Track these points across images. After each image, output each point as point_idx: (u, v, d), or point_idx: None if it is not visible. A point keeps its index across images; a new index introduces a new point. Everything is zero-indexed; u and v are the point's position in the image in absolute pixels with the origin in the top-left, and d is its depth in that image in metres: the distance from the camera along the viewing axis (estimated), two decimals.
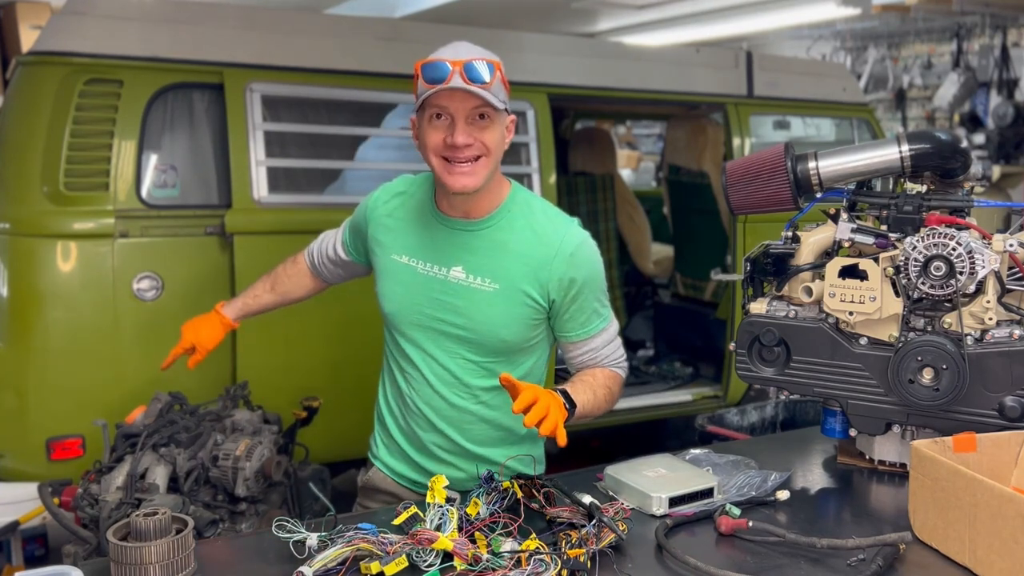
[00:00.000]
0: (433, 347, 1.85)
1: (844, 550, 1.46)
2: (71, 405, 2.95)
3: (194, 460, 2.35)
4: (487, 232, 1.81)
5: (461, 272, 1.80)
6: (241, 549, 1.57)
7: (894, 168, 1.82)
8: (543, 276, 1.78)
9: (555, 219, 1.85)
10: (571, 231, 1.83)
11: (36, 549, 3.27)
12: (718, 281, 4.44)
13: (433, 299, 1.82)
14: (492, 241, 1.80)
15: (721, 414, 3.32)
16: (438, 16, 6.98)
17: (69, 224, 2.95)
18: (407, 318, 1.85)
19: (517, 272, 1.78)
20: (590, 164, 5.27)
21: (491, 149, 1.73)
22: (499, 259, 1.79)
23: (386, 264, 1.89)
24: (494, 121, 1.73)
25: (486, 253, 1.80)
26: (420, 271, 1.83)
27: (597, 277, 1.86)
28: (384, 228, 1.90)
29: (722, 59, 4.44)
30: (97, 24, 3.05)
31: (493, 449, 1.91)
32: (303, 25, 3.40)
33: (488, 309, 1.79)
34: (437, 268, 1.82)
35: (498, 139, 1.75)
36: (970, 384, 1.68)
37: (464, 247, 1.81)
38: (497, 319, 1.79)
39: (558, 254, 1.78)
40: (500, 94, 1.73)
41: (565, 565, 1.37)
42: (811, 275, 1.87)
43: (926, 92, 8.25)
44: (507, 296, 1.78)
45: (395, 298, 1.86)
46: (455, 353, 1.84)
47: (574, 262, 1.79)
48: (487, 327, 1.80)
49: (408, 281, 1.84)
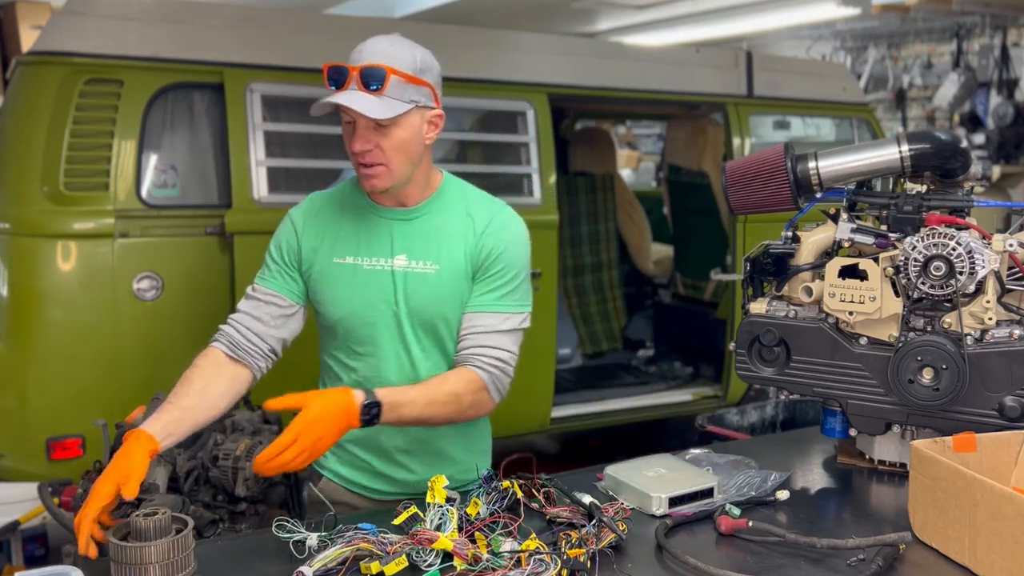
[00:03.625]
0: (389, 341, 1.83)
1: (844, 550, 1.46)
2: (71, 405, 2.95)
3: (194, 460, 2.35)
4: (425, 218, 1.83)
5: (404, 260, 1.81)
6: (241, 549, 1.57)
7: (894, 168, 1.82)
8: (474, 252, 1.80)
9: (488, 202, 1.87)
10: (503, 211, 1.86)
11: (36, 549, 3.27)
12: (718, 281, 4.44)
13: (382, 292, 1.81)
14: (429, 225, 1.82)
15: (721, 414, 3.32)
16: (438, 16, 6.98)
17: (69, 224, 2.95)
18: (361, 318, 1.82)
19: (454, 252, 1.80)
20: (590, 164, 5.27)
21: (395, 151, 1.72)
22: (437, 242, 1.81)
23: (328, 270, 1.83)
24: (397, 124, 1.71)
25: (425, 238, 1.81)
26: (365, 267, 1.82)
27: (515, 259, 1.83)
28: (318, 235, 1.85)
29: (722, 59, 4.44)
30: (97, 24, 3.05)
31: (448, 441, 1.89)
32: (303, 25, 3.40)
33: (432, 291, 1.80)
34: (382, 260, 1.81)
35: (405, 139, 1.72)
36: (970, 384, 1.68)
37: (404, 235, 1.82)
38: (441, 300, 1.80)
39: (487, 230, 1.80)
40: (403, 94, 1.69)
41: (565, 565, 1.37)
42: (811, 275, 1.87)
43: (926, 92, 8.25)
44: (448, 276, 1.80)
45: (344, 301, 1.82)
46: (412, 341, 1.83)
47: (499, 236, 1.81)
48: (435, 308, 1.80)
49: (355, 280, 1.82)
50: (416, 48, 1.74)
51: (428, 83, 1.74)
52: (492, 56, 3.75)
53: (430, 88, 1.75)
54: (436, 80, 1.78)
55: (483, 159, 3.95)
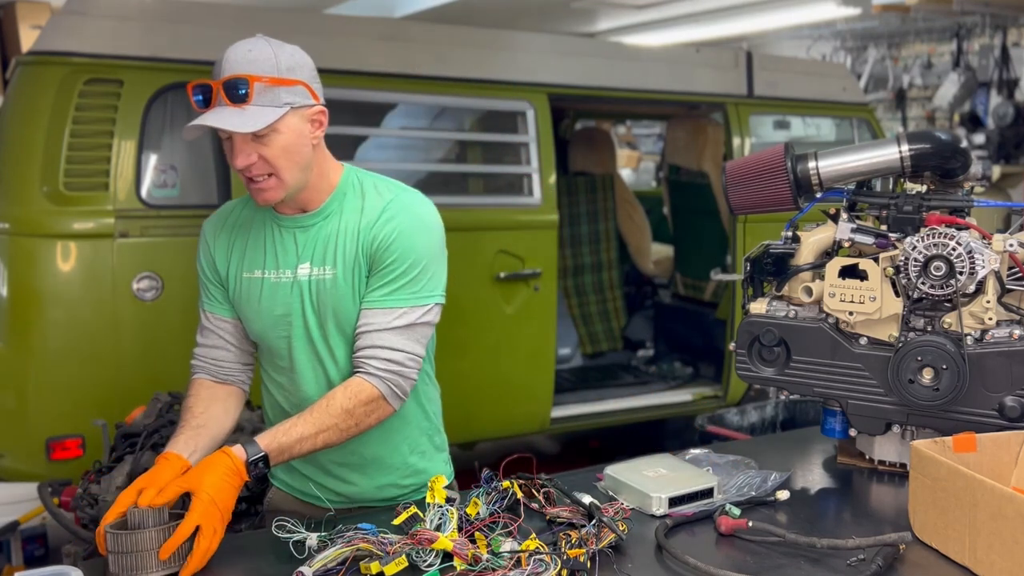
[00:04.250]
0: (303, 353, 1.76)
1: (844, 550, 1.46)
2: (71, 405, 2.95)
3: None
4: (324, 223, 1.73)
5: (308, 268, 1.72)
6: (241, 549, 1.57)
7: (894, 168, 1.82)
8: (366, 246, 1.70)
9: (384, 188, 1.75)
10: (396, 199, 1.72)
11: (36, 549, 3.27)
12: (718, 281, 4.44)
13: (293, 304, 1.73)
14: (329, 229, 1.72)
15: (721, 414, 3.32)
16: (438, 16, 6.98)
17: (69, 224, 2.95)
18: (274, 332, 1.76)
19: (349, 251, 1.71)
20: (590, 164, 5.27)
21: (280, 158, 1.63)
22: (335, 244, 1.71)
23: (241, 285, 1.77)
24: (273, 129, 1.61)
25: (325, 242, 1.72)
26: (272, 280, 1.74)
27: (409, 248, 1.69)
28: (224, 251, 1.80)
29: (722, 59, 4.44)
30: (97, 24, 3.05)
31: (382, 447, 1.81)
32: (303, 25, 3.40)
33: (332, 297, 1.71)
34: (287, 272, 1.73)
35: (287, 144, 1.63)
36: (970, 384, 1.68)
37: (306, 242, 1.73)
38: (342, 305, 1.72)
39: (378, 220, 1.69)
40: (275, 99, 1.61)
41: (565, 565, 1.37)
42: (811, 275, 1.87)
43: (926, 92, 8.25)
44: (344, 278, 1.71)
45: (256, 317, 1.76)
46: (325, 350, 1.76)
47: (388, 226, 1.69)
48: (339, 314, 1.72)
49: (264, 294, 1.75)
50: (280, 48, 1.63)
51: (299, 81, 1.63)
52: (492, 56, 3.75)
53: (303, 85, 1.64)
54: (309, 75, 1.66)
55: (483, 159, 3.95)
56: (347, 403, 1.66)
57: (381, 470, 1.83)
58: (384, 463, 1.82)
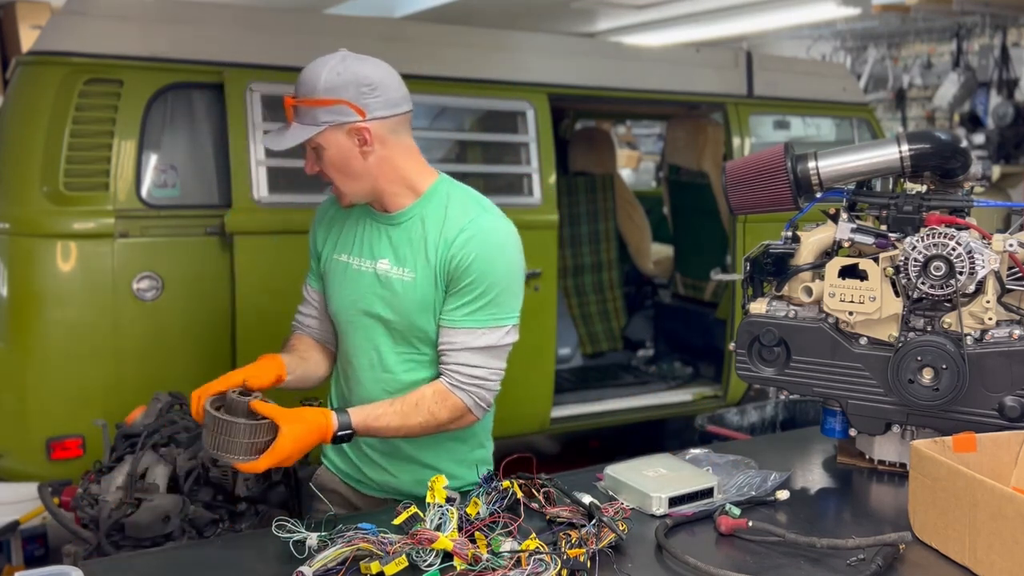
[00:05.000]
0: (367, 341, 1.87)
1: (844, 550, 1.46)
2: (71, 405, 2.95)
3: (194, 460, 2.34)
4: (408, 223, 1.83)
5: (387, 264, 1.83)
6: (241, 549, 1.57)
7: (894, 168, 1.82)
8: (444, 261, 1.77)
9: (469, 206, 1.81)
10: (480, 218, 1.78)
11: (36, 549, 3.28)
12: (718, 281, 4.44)
13: (366, 293, 1.84)
14: (410, 233, 1.82)
15: (721, 414, 3.32)
16: (438, 16, 6.98)
17: (69, 224, 2.95)
18: (345, 315, 1.89)
19: (428, 260, 1.79)
20: (590, 164, 5.27)
21: (335, 171, 1.78)
22: (415, 249, 1.81)
23: (328, 266, 1.93)
24: (321, 146, 1.75)
25: (406, 244, 1.82)
26: (354, 267, 1.87)
27: (487, 271, 1.76)
28: (325, 231, 1.96)
29: (722, 59, 4.44)
30: (97, 24, 3.05)
31: (427, 452, 1.89)
32: (303, 25, 3.40)
33: (407, 298, 1.80)
34: (368, 262, 1.85)
35: (334, 158, 1.76)
36: (970, 384, 1.68)
37: (389, 240, 1.84)
38: (414, 307, 1.80)
39: (458, 237, 1.76)
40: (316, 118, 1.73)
41: (565, 565, 1.37)
42: (811, 275, 1.87)
43: (926, 92, 8.25)
44: (422, 284, 1.79)
45: (335, 296, 1.90)
46: (390, 345, 1.85)
47: (469, 245, 1.75)
48: (408, 316, 1.81)
49: (345, 278, 1.88)
50: (326, 68, 1.73)
51: (340, 100, 1.72)
52: (492, 56, 3.75)
53: (345, 104, 1.72)
54: (355, 93, 1.73)
55: (483, 159, 3.94)
56: (435, 407, 1.77)
57: (423, 469, 1.89)
58: (425, 464, 1.90)
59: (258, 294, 3.16)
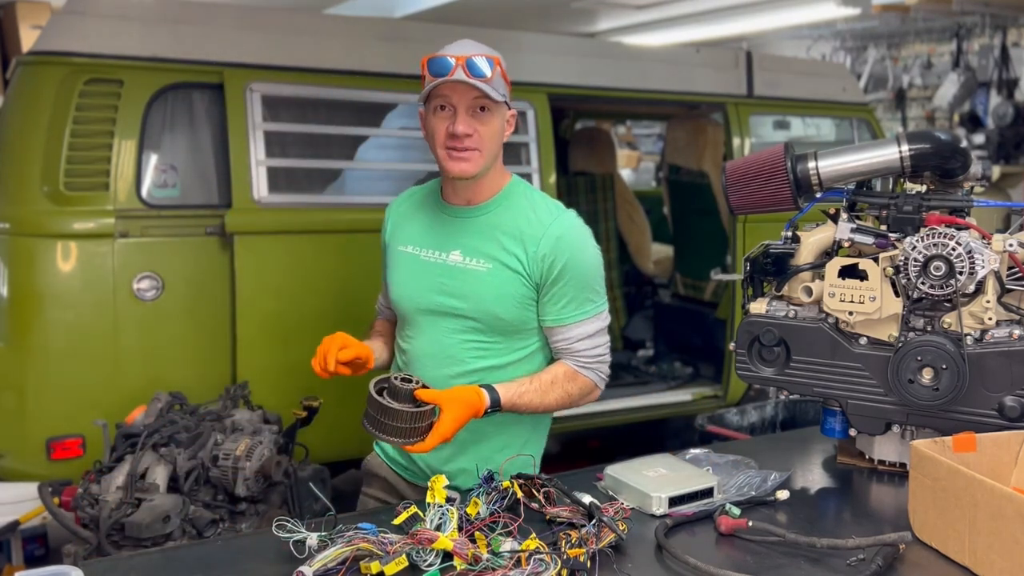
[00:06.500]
0: (434, 329, 1.92)
1: (844, 550, 1.46)
2: (71, 405, 2.95)
3: (194, 460, 2.35)
4: (485, 217, 1.90)
5: (459, 255, 1.89)
6: (241, 549, 1.57)
7: (894, 168, 1.82)
8: (531, 253, 1.84)
9: (551, 205, 1.92)
10: (564, 216, 1.89)
11: (36, 549, 3.27)
12: (718, 281, 4.44)
13: (434, 283, 1.90)
14: (488, 224, 1.89)
15: (721, 414, 3.32)
16: (438, 16, 6.99)
17: (69, 224, 2.95)
18: (412, 304, 1.94)
19: (508, 251, 1.85)
20: (590, 164, 5.27)
21: (490, 139, 1.83)
22: (493, 240, 1.87)
23: (395, 256, 2.00)
24: (493, 113, 1.83)
25: (482, 236, 1.88)
26: (423, 258, 1.93)
27: (583, 265, 1.87)
28: (396, 224, 2.03)
29: (722, 59, 4.44)
30: (97, 24, 3.05)
31: (486, 443, 1.92)
32: (303, 25, 3.40)
33: (482, 288, 1.86)
34: (438, 253, 1.91)
35: (497, 130, 1.85)
36: (970, 384, 1.68)
37: (462, 232, 1.90)
38: (491, 297, 1.86)
39: (546, 234, 1.84)
40: (500, 88, 1.83)
41: (565, 565, 1.37)
42: (811, 275, 1.87)
43: (926, 92, 8.25)
44: (499, 275, 1.85)
45: (400, 285, 1.96)
46: (456, 333, 1.90)
47: (560, 244, 1.84)
48: (483, 305, 1.86)
49: (412, 268, 1.94)
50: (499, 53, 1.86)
51: (509, 83, 1.88)
52: None
53: (510, 89, 1.89)
54: None
55: None
56: (568, 385, 1.90)
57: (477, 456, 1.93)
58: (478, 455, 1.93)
59: (258, 294, 3.16)
